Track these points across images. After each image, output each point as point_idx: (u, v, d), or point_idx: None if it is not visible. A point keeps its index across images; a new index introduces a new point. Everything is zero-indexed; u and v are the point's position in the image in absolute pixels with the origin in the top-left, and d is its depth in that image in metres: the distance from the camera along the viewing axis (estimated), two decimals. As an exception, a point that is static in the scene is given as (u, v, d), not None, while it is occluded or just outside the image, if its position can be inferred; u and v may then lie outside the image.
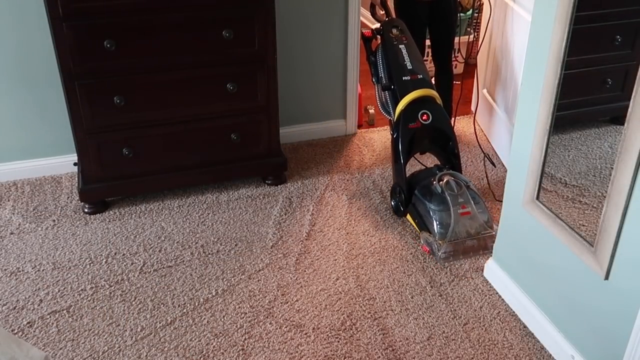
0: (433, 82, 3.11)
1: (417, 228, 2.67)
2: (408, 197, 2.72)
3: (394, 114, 2.83)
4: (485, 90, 3.53)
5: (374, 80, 3.03)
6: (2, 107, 2.92)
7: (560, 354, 2.05)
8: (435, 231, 2.53)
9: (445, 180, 2.58)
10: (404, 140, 2.75)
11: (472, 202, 2.55)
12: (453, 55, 3.44)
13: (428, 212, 2.57)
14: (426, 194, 2.61)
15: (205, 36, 2.60)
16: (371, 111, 3.65)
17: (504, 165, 3.16)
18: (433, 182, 2.61)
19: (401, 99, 2.78)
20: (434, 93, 2.83)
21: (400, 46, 2.88)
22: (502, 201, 2.32)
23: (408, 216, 2.75)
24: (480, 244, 2.54)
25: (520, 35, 2.94)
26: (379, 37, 3.00)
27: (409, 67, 2.83)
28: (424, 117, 2.74)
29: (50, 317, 2.24)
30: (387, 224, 2.76)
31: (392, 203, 2.83)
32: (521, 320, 2.24)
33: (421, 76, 2.83)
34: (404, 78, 2.81)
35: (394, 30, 2.93)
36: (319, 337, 2.17)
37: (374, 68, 3.00)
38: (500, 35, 3.24)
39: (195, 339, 2.16)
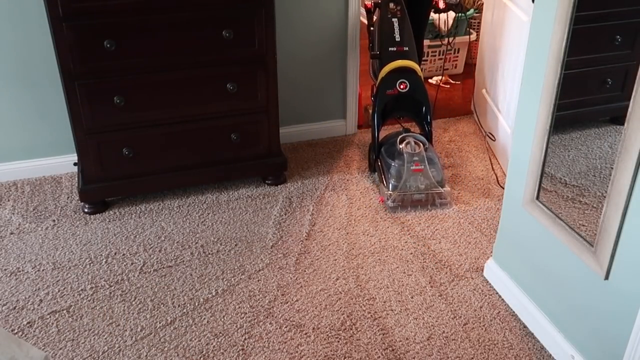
0: None
1: (379, 181, 2.99)
2: (377, 155, 3.03)
3: (377, 80, 3.08)
4: (484, 90, 3.53)
5: (369, 48, 3.29)
6: (2, 107, 2.92)
7: (560, 354, 2.05)
8: (390, 183, 2.86)
9: (406, 141, 2.90)
10: (380, 104, 3.04)
11: (427, 161, 2.86)
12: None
13: (387, 167, 2.91)
14: (388, 152, 2.95)
15: (205, 36, 2.60)
16: (371, 111, 3.65)
17: (501, 168, 3.16)
18: (396, 142, 2.92)
19: (384, 66, 3.02)
20: (415, 65, 3.03)
21: (394, 19, 3.09)
22: (504, 187, 2.33)
23: (376, 172, 3.07)
24: (428, 198, 2.87)
25: (516, 35, 2.95)
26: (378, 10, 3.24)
27: (397, 39, 3.06)
28: (401, 86, 2.98)
29: (50, 317, 2.24)
30: (387, 224, 2.76)
31: (369, 159, 3.16)
32: (521, 320, 2.24)
33: (407, 48, 3.05)
34: (390, 49, 3.04)
35: (391, 5, 3.13)
36: (319, 337, 2.17)
37: (371, 37, 3.23)
38: (498, 36, 3.24)
39: (195, 339, 2.16)
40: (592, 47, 1.94)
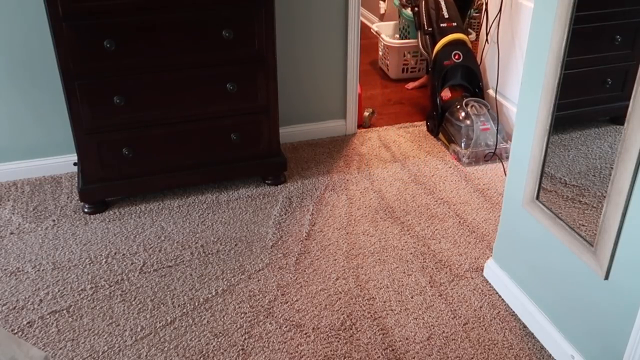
0: None
1: (447, 143, 3.33)
2: (440, 120, 3.37)
3: (432, 53, 3.48)
4: (490, 90, 3.53)
5: (416, 27, 3.75)
6: (1, 107, 2.92)
7: (560, 354, 2.05)
8: (462, 143, 3.19)
9: (470, 104, 3.25)
10: (439, 74, 3.40)
11: (492, 121, 3.19)
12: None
13: (456, 129, 3.24)
14: (455, 115, 3.27)
15: (205, 36, 2.60)
16: (366, 114, 3.62)
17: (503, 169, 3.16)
18: (461, 106, 3.27)
19: (439, 41, 3.43)
20: (465, 37, 3.45)
21: None
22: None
23: (440, 134, 3.40)
24: (496, 153, 3.19)
25: (515, 34, 2.94)
26: None
27: (446, 16, 3.50)
28: (456, 57, 3.37)
29: (50, 317, 2.24)
30: (387, 224, 2.76)
31: (428, 124, 3.53)
32: (521, 320, 2.24)
33: (455, 24, 3.48)
34: (441, 25, 3.47)
35: None
36: (318, 337, 2.17)
37: (417, 17, 3.70)
38: (505, 35, 3.24)
39: (195, 339, 2.16)
40: (592, 47, 1.94)
